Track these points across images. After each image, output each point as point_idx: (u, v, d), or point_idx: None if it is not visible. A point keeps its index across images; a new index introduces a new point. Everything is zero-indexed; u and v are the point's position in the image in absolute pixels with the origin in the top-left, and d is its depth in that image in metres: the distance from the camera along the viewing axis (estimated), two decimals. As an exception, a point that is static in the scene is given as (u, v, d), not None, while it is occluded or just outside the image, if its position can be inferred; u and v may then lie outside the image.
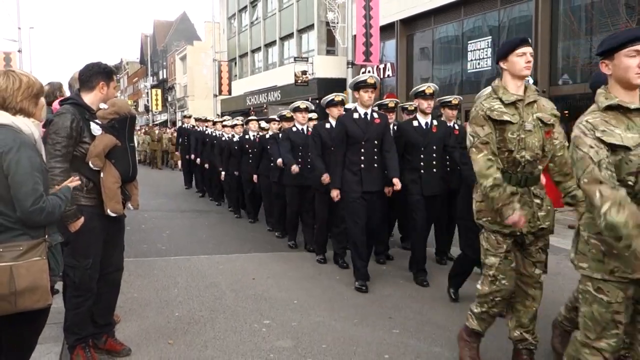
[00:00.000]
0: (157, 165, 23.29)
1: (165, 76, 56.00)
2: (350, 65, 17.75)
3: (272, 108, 25.72)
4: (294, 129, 7.25)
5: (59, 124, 3.29)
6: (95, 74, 3.50)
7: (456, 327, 4.34)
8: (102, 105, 3.53)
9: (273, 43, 31.35)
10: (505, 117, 3.24)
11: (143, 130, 28.30)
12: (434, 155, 5.68)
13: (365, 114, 5.46)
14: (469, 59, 17.60)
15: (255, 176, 8.77)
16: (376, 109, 6.16)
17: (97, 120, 3.46)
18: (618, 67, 2.55)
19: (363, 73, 22.72)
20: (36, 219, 2.52)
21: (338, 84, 22.24)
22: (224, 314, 4.67)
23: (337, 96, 6.38)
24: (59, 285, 4.25)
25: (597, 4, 13.30)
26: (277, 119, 8.45)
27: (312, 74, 24.54)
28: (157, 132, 24.26)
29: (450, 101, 6.23)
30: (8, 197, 2.49)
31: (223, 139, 10.49)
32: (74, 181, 2.95)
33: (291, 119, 7.58)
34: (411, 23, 20.59)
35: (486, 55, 16.97)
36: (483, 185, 3.19)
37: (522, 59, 3.29)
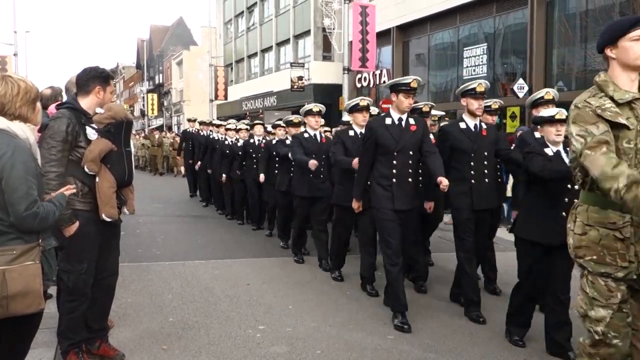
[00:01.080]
0: (158, 171, 21.77)
1: (161, 81, 55.97)
2: (346, 71, 17.81)
3: (268, 113, 25.75)
4: (306, 135, 6.53)
5: (55, 128, 3.28)
6: (92, 78, 3.50)
7: (450, 332, 4.35)
8: (99, 110, 3.52)
9: (269, 48, 31.40)
10: (621, 120, 2.52)
11: (142, 135, 27.52)
12: (486, 162, 4.89)
13: (400, 119, 4.72)
14: (464, 66, 17.68)
15: (262, 176, 8.23)
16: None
17: (93, 125, 3.46)
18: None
19: (359, 80, 22.86)
20: (29, 224, 2.51)
21: (334, 90, 22.30)
22: (218, 320, 4.66)
23: (362, 100, 5.70)
24: (52, 290, 4.23)
25: (591, 11, 13.42)
26: (282, 124, 8.11)
27: (308, 79, 24.59)
28: (157, 136, 22.86)
29: (489, 106, 5.61)
30: (2, 201, 2.49)
31: (226, 142, 10.13)
32: (69, 189, 2.94)
33: (299, 124, 7.18)
34: (407, 29, 20.68)
35: (482, 62, 17.05)
36: (614, 189, 2.34)
37: (638, 44, 2.55)
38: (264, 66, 32.60)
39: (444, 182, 4.42)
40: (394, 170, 4.64)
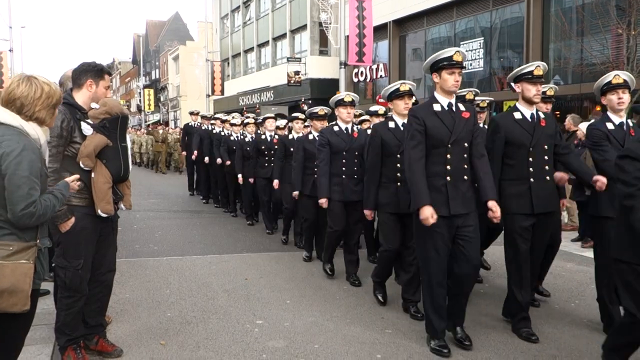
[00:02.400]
0: (162, 169, 19.97)
1: (157, 76, 55.83)
2: (342, 66, 17.78)
3: (265, 108, 25.71)
4: (336, 128, 5.64)
5: None
6: (84, 72, 3.49)
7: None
8: (94, 105, 3.51)
9: (266, 43, 31.34)
10: None
11: (144, 130, 26.17)
12: (546, 157, 4.14)
13: (450, 104, 3.91)
14: (461, 60, 17.67)
15: (276, 182, 7.49)
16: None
17: (88, 120, 3.45)
18: None
19: (356, 75, 22.79)
20: (25, 222, 2.51)
21: (331, 85, 22.27)
22: (216, 315, 4.66)
23: (403, 84, 4.71)
24: (50, 286, 4.24)
25: (588, 5, 13.42)
26: (300, 117, 7.57)
27: (305, 74, 24.57)
28: (161, 131, 20.74)
29: (544, 92, 4.91)
30: (1, 197, 2.49)
31: (232, 138, 9.55)
32: (75, 182, 2.92)
33: (324, 117, 6.41)
34: (404, 24, 20.67)
35: (478, 56, 17.06)
36: None
37: None
38: (260, 61, 32.54)
39: (496, 210, 3.78)
40: (448, 167, 3.84)
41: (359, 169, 5.55)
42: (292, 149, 7.03)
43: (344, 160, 5.52)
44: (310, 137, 6.48)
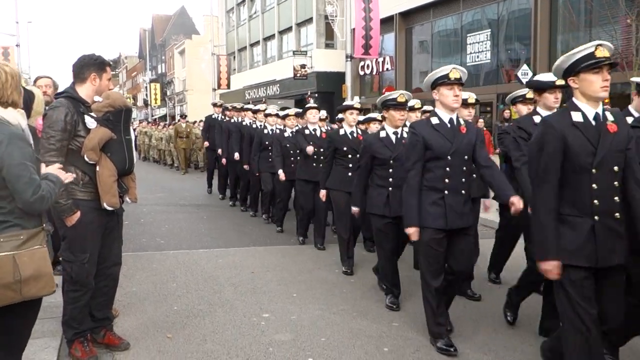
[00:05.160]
0: (183, 167, 17.36)
1: (164, 70, 55.93)
2: (349, 59, 17.73)
3: (271, 102, 25.68)
4: (383, 134, 4.85)
5: (53, 117, 3.26)
6: (87, 65, 3.48)
7: (455, 319, 4.34)
8: (97, 98, 3.50)
9: (272, 37, 31.27)
10: None
11: (162, 125, 23.26)
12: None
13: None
14: (468, 52, 17.57)
15: (323, 192, 6.04)
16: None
17: (92, 114, 3.44)
18: None
19: (362, 68, 22.71)
20: (38, 208, 2.55)
21: (337, 78, 22.21)
22: (222, 308, 4.66)
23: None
24: (57, 279, 4.24)
25: (596, -4, 13.26)
26: (355, 106, 6.12)
27: (311, 67, 24.51)
28: (184, 125, 17.49)
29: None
30: (2, 189, 2.49)
31: (265, 132, 8.38)
32: (68, 177, 2.92)
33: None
34: (410, 16, 20.55)
35: (485, 48, 16.94)
36: None
37: None
38: (266, 54, 32.49)
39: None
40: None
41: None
42: (344, 148, 5.87)
43: (390, 170, 4.78)
44: (341, 132, 5.97)
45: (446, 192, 3.79)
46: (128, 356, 3.68)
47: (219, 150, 10.57)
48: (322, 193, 6.03)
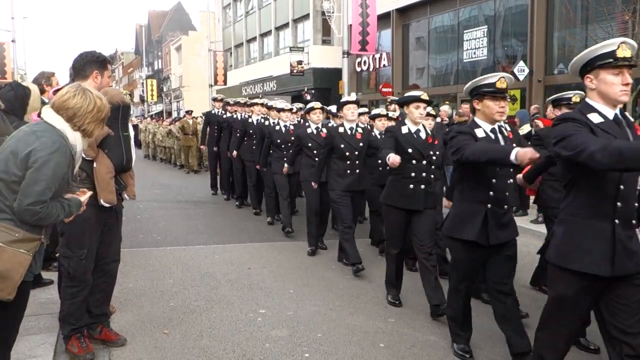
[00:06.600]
0: (193, 166, 16.32)
1: (160, 66, 55.76)
2: (345, 55, 17.72)
3: (268, 98, 25.61)
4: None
5: None
6: (89, 63, 3.48)
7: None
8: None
9: (268, 33, 31.20)
10: None
11: (168, 121, 21.52)
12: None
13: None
14: (464, 49, 17.57)
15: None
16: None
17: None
18: None
19: (358, 64, 22.67)
20: (25, 217, 2.52)
21: (334, 74, 22.18)
22: (219, 304, 4.68)
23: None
24: (54, 276, 4.25)
25: (593, -8, 13.28)
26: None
27: (308, 63, 24.46)
28: (190, 122, 16.44)
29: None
30: (12, 182, 2.50)
31: (277, 129, 7.65)
32: (86, 193, 2.94)
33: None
34: (407, 12, 20.53)
35: (482, 44, 16.94)
36: None
37: None
38: (263, 51, 32.43)
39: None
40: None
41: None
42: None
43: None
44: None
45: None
46: (125, 352, 3.69)
47: (215, 148, 10.45)
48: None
